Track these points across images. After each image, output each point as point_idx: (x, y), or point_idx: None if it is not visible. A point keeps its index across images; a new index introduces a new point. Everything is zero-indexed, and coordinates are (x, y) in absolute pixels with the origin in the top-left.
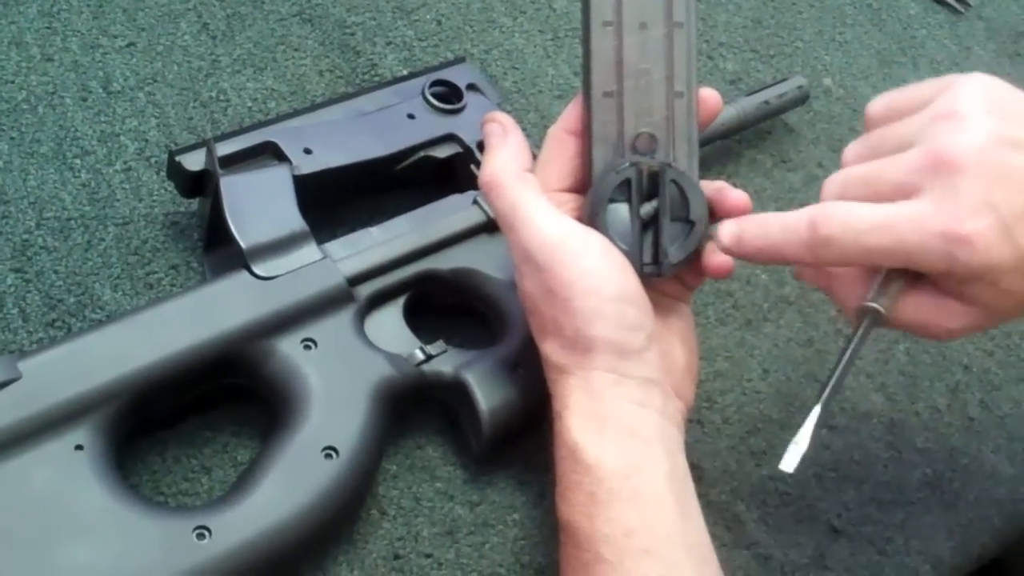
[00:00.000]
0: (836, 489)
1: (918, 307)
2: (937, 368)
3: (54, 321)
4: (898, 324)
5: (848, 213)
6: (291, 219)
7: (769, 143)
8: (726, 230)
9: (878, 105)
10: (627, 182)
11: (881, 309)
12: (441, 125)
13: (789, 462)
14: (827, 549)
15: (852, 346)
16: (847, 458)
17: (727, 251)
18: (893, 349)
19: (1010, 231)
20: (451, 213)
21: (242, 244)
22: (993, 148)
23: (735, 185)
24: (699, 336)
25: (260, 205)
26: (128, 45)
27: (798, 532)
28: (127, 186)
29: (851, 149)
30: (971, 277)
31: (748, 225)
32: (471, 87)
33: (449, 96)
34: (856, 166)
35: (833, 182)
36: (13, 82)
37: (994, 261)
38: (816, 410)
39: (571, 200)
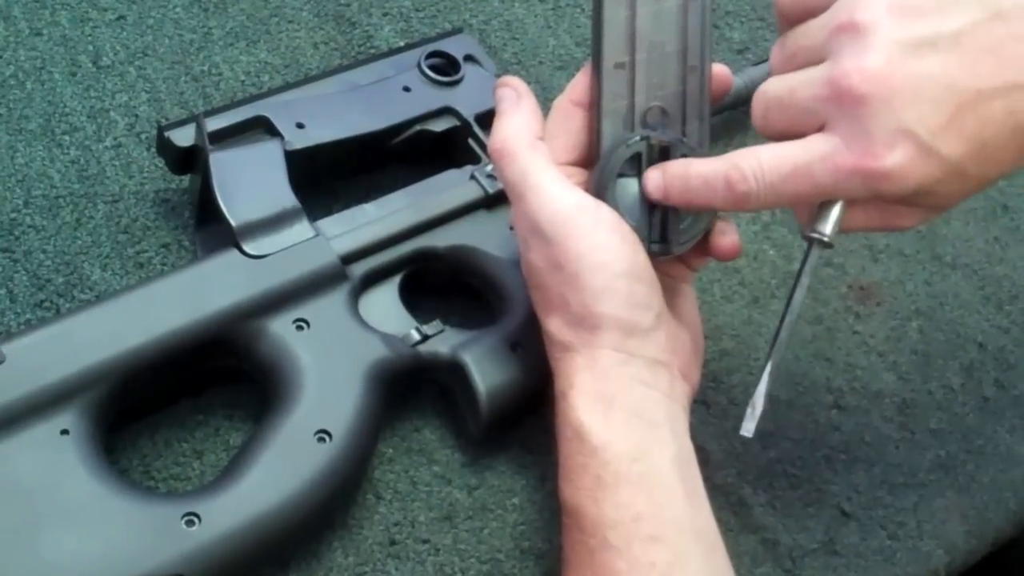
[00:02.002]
0: (846, 472)
1: (866, 215)
2: (951, 346)
3: (42, 302)
4: (851, 230)
5: (759, 166)
6: (282, 196)
7: None
8: (652, 182)
9: None
10: (637, 156)
11: (824, 237)
12: (437, 98)
13: (747, 427)
14: (836, 533)
15: (799, 280)
16: (857, 439)
17: (659, 201)
18: (905, 327)
19: (931, 148)
20: (448, 189)
21: (232, 222)
22: (899, 62)
23: None
24: (705, 314)
25: (251, 182)
26: (118, 18)
27: (806, 516)
28: (117, 163)
29: (774, 54)
30: (902, 199)
31: (672, 180)
32: (469, 58)
33: (446, 68)
34: (774, 82)
35: (758, 102)
36: (1, 57)
37: (921, 182)
38: (768, 367)
39: (577, 174)
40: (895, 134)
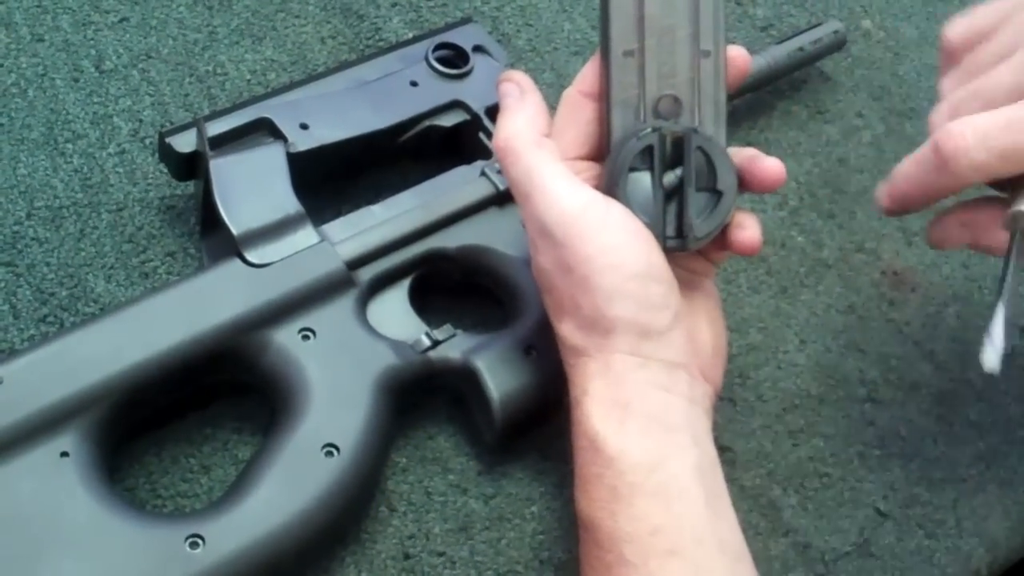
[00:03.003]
0: (881, 468)
1: None
2: None
3: (46, 316)
4: None
5: (968, 122)
6: (285, 201)
7: (804, 93)
8: (879, 193)
9: (957, 29)
10: (649, 149)
11: None
12: (446, 91)
13: (990, 359)
14: (872, 534)
15: (1013, 261)
16: (893, 434)
17: (887, 213)
18: (942, 313)
19: None
20: (457, 186)
21: (233, 230)
22: None
23: (768, 140)
24: (730, 306)
25: (252, 188)
26: (121, 20)
27: (840, 517)
28: (121, 170)
29: (947, 81)
30: None
31: (893, 177)
32: (478, 49)
33: (454, 60)
34: (961, 88)
35: (940, 111)
36: (2, 65)
37: None
38: (1000, 305)
39: (588, 169)
40: None
